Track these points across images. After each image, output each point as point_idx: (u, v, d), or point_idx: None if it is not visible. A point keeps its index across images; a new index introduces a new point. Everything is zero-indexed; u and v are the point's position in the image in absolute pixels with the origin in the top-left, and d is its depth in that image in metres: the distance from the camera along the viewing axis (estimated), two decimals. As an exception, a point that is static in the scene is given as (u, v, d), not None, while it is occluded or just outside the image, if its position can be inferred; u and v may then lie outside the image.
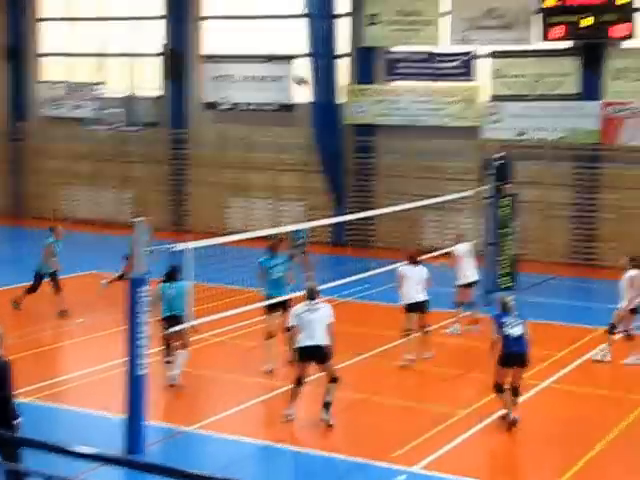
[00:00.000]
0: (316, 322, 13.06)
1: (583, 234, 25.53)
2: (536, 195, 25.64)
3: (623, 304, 16.40)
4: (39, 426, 10.76)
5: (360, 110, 27.85)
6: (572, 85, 25.31)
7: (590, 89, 25.02)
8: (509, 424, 12.84)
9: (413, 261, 16.39)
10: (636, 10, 23.85)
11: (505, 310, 13.23)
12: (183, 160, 30.74)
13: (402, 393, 14.70)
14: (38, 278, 18.74)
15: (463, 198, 22.35)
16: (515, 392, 13.04)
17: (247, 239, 15.80)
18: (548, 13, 24.62)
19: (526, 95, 25.85)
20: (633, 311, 16.47)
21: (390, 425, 13.37)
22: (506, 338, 12.97)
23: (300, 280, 16.79)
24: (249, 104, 29.48)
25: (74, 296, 19.51)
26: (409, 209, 24.15)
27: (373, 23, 27.39)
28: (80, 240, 27.54)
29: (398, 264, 17.10)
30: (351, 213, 24.48)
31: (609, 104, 24.80)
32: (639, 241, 24.81)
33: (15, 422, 9.88)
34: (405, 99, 27.29)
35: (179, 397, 14.45)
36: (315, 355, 13.05)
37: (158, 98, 30.82)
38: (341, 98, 27.91)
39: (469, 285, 18.51)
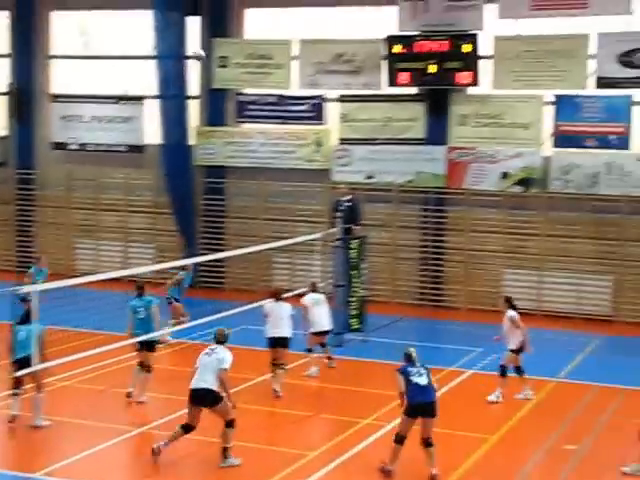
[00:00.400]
0: (208, 365, 13.13)
1: (430, 276, 26.12)
2: (385, 237, 26.15)
3: (509, 346, 16.96)
4: None
5: (210, 152, 27.92)
6: (419, 130, 26.00)
7: (436, 134, 25.76)
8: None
9: (277, 298, 16.91)
10: (480, 58, 24.72)
11: (409, 361, 13.18)
12: (30, 201, 30.12)
13: (251, 435, 14.67)
14: None
15: (313, 240, 22.61)
16: (427, 444, 12.79)
17: (97, 281, 15.64)
18: (395, 59, 25.26)
19: (374, 139, 26.43)
20: (518, 351, 16.99)
21: (238, 467, 13.31)
22: (413, 387, 12.83)
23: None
24: (98, 145, 29.18)
25: None
26: (259, 251, 24.33)
27: (224, 65, 27.57)
28: None
29: (249, 306, 17.24)
30: (202, 255, 24.50)
31: (454, 149, 25.57)
32: (484, 283, 25.60)
33: None
34: (255, 141, 27.51)
35: (24, 443, 14.08)
36: (204, 399, 13.03)
37: (4, 138, 30.18)
38: (192, 140, 27.91)
39: (323, 333, 18.63)
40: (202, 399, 13.10)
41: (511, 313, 17.19)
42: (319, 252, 22.17)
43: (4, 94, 30.00)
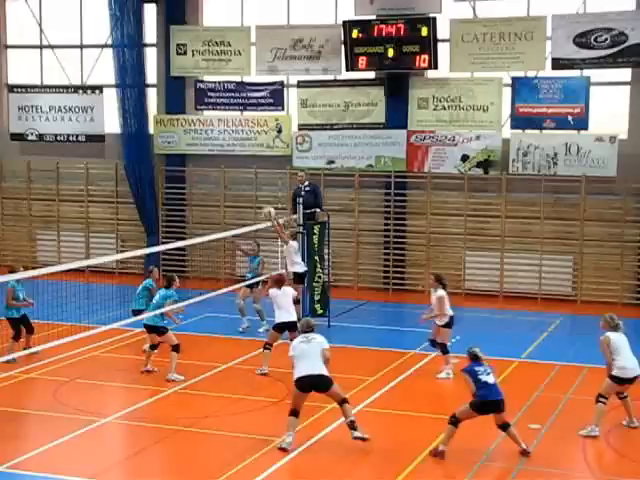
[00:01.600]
0: (312, 352, 13.44)
1: (393, 260, 26.23)
2: (347, 222, 26.22)
3: (439, 322, 17.23)
4: None
5: (170, 140, 27.81)
6: (379, 114, 26.05)
7: (396, 118, 25.81)
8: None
9: (279, 284, 17.06)
10: (438, 41, 24.77)
11: (476, 360, 13.18)
12: (-11, 193, 29.88)
13: (215, 422, 14.67)
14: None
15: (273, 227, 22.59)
16: (505, 427, 13.05)
17: (59, 272, 15.58)
18: (353, 44, 25.26)
19: (334, 124, 26.44)
20: (447, 326, 17.23)
21: (205, 455, 13.36)
22: (482, 386, 12.87)
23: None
24: (58, 135, 28.96)
25: None
26: (221, 239, 24.32)
27: (182, 53, 27.45)
28: None
29: (212, 294, 17.23)
30: (163, 244, 24.43)
31: (414, 132, 25.65)
32: (446, 266, 25.73)
33: None
34: (215, 129, 27.44)
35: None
36: (319, 385, 13.37)
37: (-39, 129, 29.92)
38: (151, 128, 27.78)
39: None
40: (317, 385, 13.37)
41: (441, 293, 17.24)
42: (280, 239, 22.17)
43: (-40, 85, 29.72)
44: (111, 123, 28.07)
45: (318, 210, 21.81)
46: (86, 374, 16.82)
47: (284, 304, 17.03)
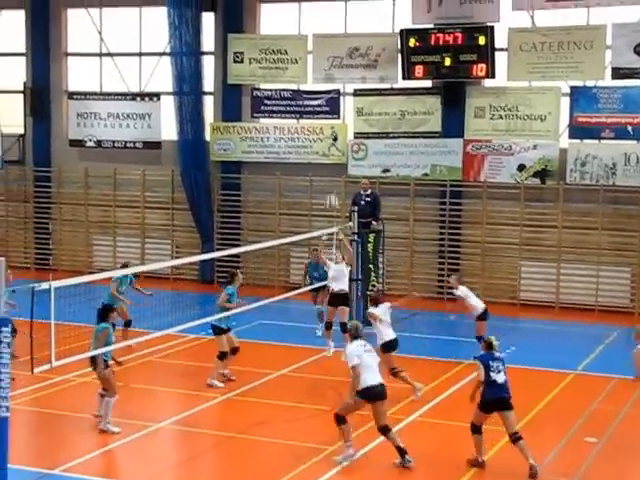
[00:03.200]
0: (374, 361, 13.31)
1: (447, 269, 26.06)
2: (401, 231, 26.12)
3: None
4: None
5: (226, 147, 27.94)
6: (435, 123, 25.94)
7: (452, 127, 25.69)
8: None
9: (376, 302, 16.94)
10: (495, 50, 24.62)
11: (491, 350, 13.05)
12: (48, 198, 30.22)
13: (270, 430, 14.65)
14: None
15: (330, 234, 22.57)
16: (515, 439, 12.76)
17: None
18: (410, 53, 25.19)
19: (390, 132, 26.38)
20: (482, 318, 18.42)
21: (258, 462, 13.35)
22: (491, 384, 12.79)
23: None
24: (115, 141, 29.24)
25: None
26: (276, 246, 24.36)
27: (239, 61, 27.57)
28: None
29: (265, 301, 17.26)
30: (218, 250, 24.53)
31: (470, 141, 25.50)
32: (501, 276, 25.54)
33: None
34: (271, 136, 27.51)
35: (43, 439, 14.15)
36: (383, 395, 13.14)
37: (21, 136, 30.27)
38: (208, 135, 27.94)
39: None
40: (382, 395, 13.15)
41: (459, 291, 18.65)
42: (335, 246, 22.15)
43: (21, 92, 30.08)
44: (168, 130, 28.27)
45: (374, 222, 21.73)
46: (141, 379, 16.91)
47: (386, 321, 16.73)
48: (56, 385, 16.39)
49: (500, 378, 12.83)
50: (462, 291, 19.04)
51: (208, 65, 27.92)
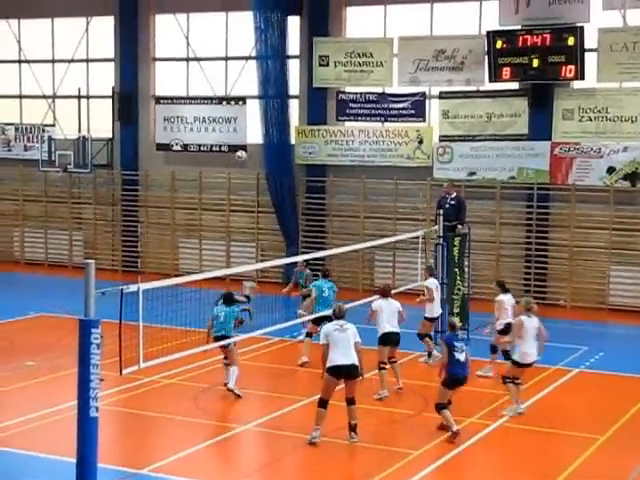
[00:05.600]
0: (346, 341, 13.81)
1: (534, 273, 25.73)
2: (487, 234, 25.86)
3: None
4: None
5: (311, 150, 27.98)
6: (522, 125, 25.62)
7: (539, 129, 25.34)
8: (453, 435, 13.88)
9: (385, 295, 16.85)
10: (585, 51, 24.23)
11: (454, 331, 14.42)
12: (134, 202, 30.63)
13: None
14: None
15: (414, 238, 22.46)
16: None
17: (200, 280, 15.80)
18: (497, 54, 24.93)
19: (476, 135, 26.13)
20: (502, 332, 17.66)
21: (343, 466, 13.33)
22: (454, 362, 14.08)
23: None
24: (201, 145, 29.50)
25: (25, 338, 19.28)
26: (361, 249, 24.31)
27: (324, 64, 27.60)
28: (31, 282, 27.32)
29: (350, 304, 17.17)
30: (303, 253, 24.56)
31: (558, 144, 25.12)
32: (590, 280, 25.12)
33: None
34: (356, 139, 27.47)
35: (132, 439, 14.31)
36: (351, 374, 13.77)
37: (109, 140, 30.74)
38: (293, 139, 28.03)
39: (436, 319, 19.27)
40: (349, 374, 13.72)
41: (502, 297, 18.21)
42: (420, 250, 22.03)
43: (110, 97, 30.55)
44: (253, 133, 28.43)
45: (459, 226, 21.52)
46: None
47: (389, 316, 16.70)
48: (144, 386, 16.57)
49: (463, 357, 14.13)
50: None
51: (293, 69, 28.00)
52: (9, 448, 13.55)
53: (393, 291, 19.69)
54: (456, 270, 20.96)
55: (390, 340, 16.68)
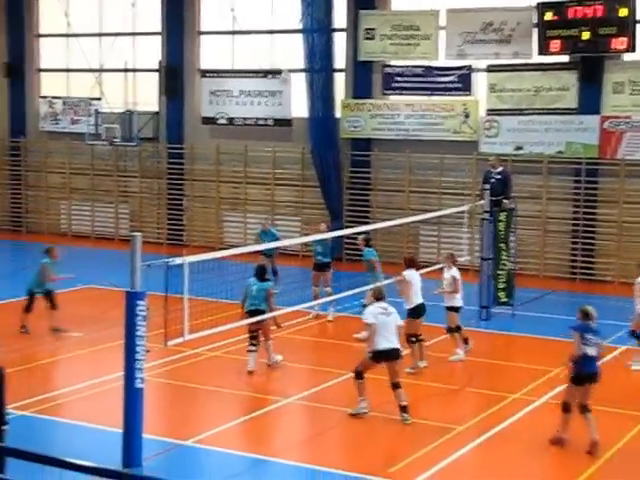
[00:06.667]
0: (390, 325, 13.70)
1: (582, 249, 25.49)
2: (534, 209, 25.63)
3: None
4: (35, 439, 10.68)
5: (357, 124, 27.86)
6: (570, 99, 25.31)
7: (589, 103, 25.01)
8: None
9: (412, 265, 16.62)
10: (637, 22, 23.83)
11: (587, 320, 12.69)
12: (180, 175, 30.73)
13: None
14: (31, 297, 18.61)
15: (460, 212, 22.32)
16: (585, 410, 12.63)
17: (245, 253, 15.86)
18: (547, 27, 24.61)
19: (523, 109, 25.85)
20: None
21: (387, 440, 13.32)
22: (583, 357, 12.56)
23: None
24: (246, 119, 29.49)
25: (72, 310, 19.46)
26: (405, 224, 24.20)
27: (370, 37, 27.42)
28: (78, 254, 27.52)
29: (394, 279, 17.16)
30: (347, 228, 24.50)
31: (608, 118, 24.79)
32: (638, 255, 24.78)
33: (3, 428, 9.89)
34: (402, 113, 27.31)
35: (176, 411, 14.40)
36: (394, 357, 13.68)
37: (155, 113, 30.83)
38: (338, 112, 27.92)
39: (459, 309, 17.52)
40: (390, 357, 13.65)
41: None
42: (466, 225, 21.90)
43: (156, 71, 30.61)
44: (299, 107, 28.36)
45: (505, 201, 21.33)
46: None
47: (418, 287, 16.37)
48: (188, 358, 16.66)
49: (594, 352, 12.60)
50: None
51: (339, 42, 27.87)
52: (57, 417, 13.71)
53: (437, 266, 19.65)
54: (502, 245, 20.80)
55: (421, 313, 16.35)
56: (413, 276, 16.40)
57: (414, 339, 16.24)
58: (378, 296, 14.21)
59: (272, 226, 24.10)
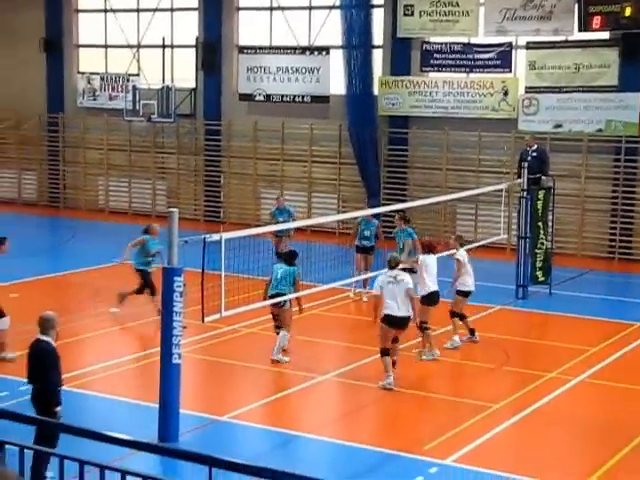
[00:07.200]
0: (400, 293, 14.08)
1: (620, 228, 25.26)
2: (572, 188, 25.40)
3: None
4: (73, 413, 10.79)
5: (394, 102, 27.73)
6: (611, 76, 24.99)
7: (630, 80, 24.69)
8: None
9: (431, 250, 16.23)
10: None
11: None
12: (217, 151, 30.77)
13: (434, 385, 14.63)
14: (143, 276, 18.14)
15: (498, 191, 22.20)
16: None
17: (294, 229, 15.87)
18: (588, 3, 24.29)
19: (563, 87, 25.60)
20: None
21: (422, 417, 13.34)
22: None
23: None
24: (284, 96, 29.43)
25: (110, 286, 19.59)
26: (443, 202, 24.11)
27: (409, 14, 27.24)
28: (115, 230, 27.68)
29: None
30: (384, 205, 24.44)
31: (648, 96, 24.49)
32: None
33: (57, 409, 10.06)
34: (440, 91, 27.13)
35: (212, 387, 14.50)
36: (403, 325, 14.20)
37: (193, 90, 30.86)
38: (376, 89, 27.80)
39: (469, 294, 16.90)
40: (401, 325, 14.14)
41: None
42: (504, 203, 21.77)
43: (193, 47, 30.62)
44: (336, 84, 28.27)
45: (543, 177, 21.18)
46: (305, 331, 17.01)
47: (434, 272, 15.95)
48: (225, 335, 16.73)
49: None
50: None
51: (378, 18, 27.71)
52: (93, 392, 13.83)
53: (475, 244, 19.58)
54: (540, 224, 20.69)
55: (435, 300, 15.87)
56: (429, 262, 15.89)
57: (425, 326, 15.66)
58: (391, 264, 14.40)
59: (287, 203, 23.06)
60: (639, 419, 12.87)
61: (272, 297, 15.33)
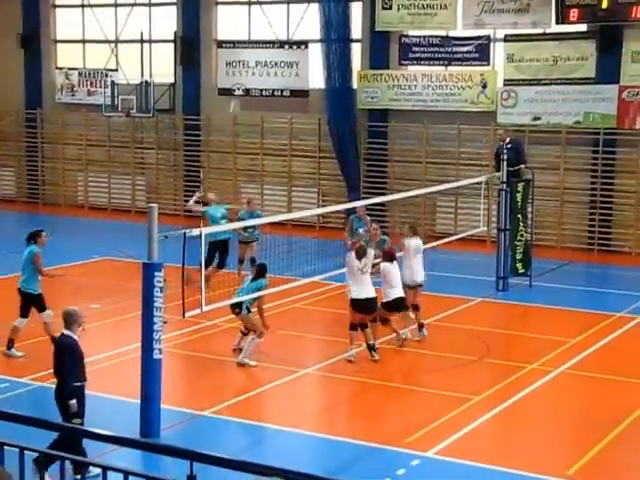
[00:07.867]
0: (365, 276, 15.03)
1: (599, 219, 25.38)
2: (551, 180, 25.50)
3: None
4: (54, 410, 10.75)
5: (374, 95, 27.75)
6: (589, 69, 25.09)
7: (607, 73, 24.79)
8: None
9: (392, 259, 15.89)
10: (657, -9, 23.61)
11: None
12: (196, 146, 30.70)
13: (415, 378, 14.66)
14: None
15: (477, 183, 22.26)
16: None
17: (262, 225, 15.87)
18: (564, -4, 24.39)
19: (541, 79, 25.68)
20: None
21: (403, 410, 13.36)
22: None
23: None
24: (263, 90, 29.40)
25: (89, 282, 19.54)
26: (423, 194, 24.15)
27: (387, 7, 27.25)
28: (94, 226, 27.63)
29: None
30: (364, 199, 24.46)
31: (626, 87, 24.59)
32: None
33: (71, 402, 10.18)
34: (419, 84, 27.16)
35: (193, 382, 14.48)
36: (373, 307, 15.12)
37: (171, 85, 30.77)
38: (355, 83, 27.80)
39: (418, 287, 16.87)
40: (373, 307, 14.97)
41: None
42: (483, 196, 21.83)
43: (172, 42, 30.52)
44: (315, 78, 28.25)
45: (523, 166, 21.23)
46: (287, 325, 17.05)
47: (397, 279, 15.79)
48: (206, 329, 16.71)
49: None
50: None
51: (356, 12, 27.70)
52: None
53: (454, 237, 19.65)
54: (519, 216, 20.76)
55: (398, 308, 15.77)
56: (390, 270, 15.70)
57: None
58: (359, 253, 15.02)
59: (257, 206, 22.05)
60: (620, 409, 12.94)
61: (235, 305, 14.81)
